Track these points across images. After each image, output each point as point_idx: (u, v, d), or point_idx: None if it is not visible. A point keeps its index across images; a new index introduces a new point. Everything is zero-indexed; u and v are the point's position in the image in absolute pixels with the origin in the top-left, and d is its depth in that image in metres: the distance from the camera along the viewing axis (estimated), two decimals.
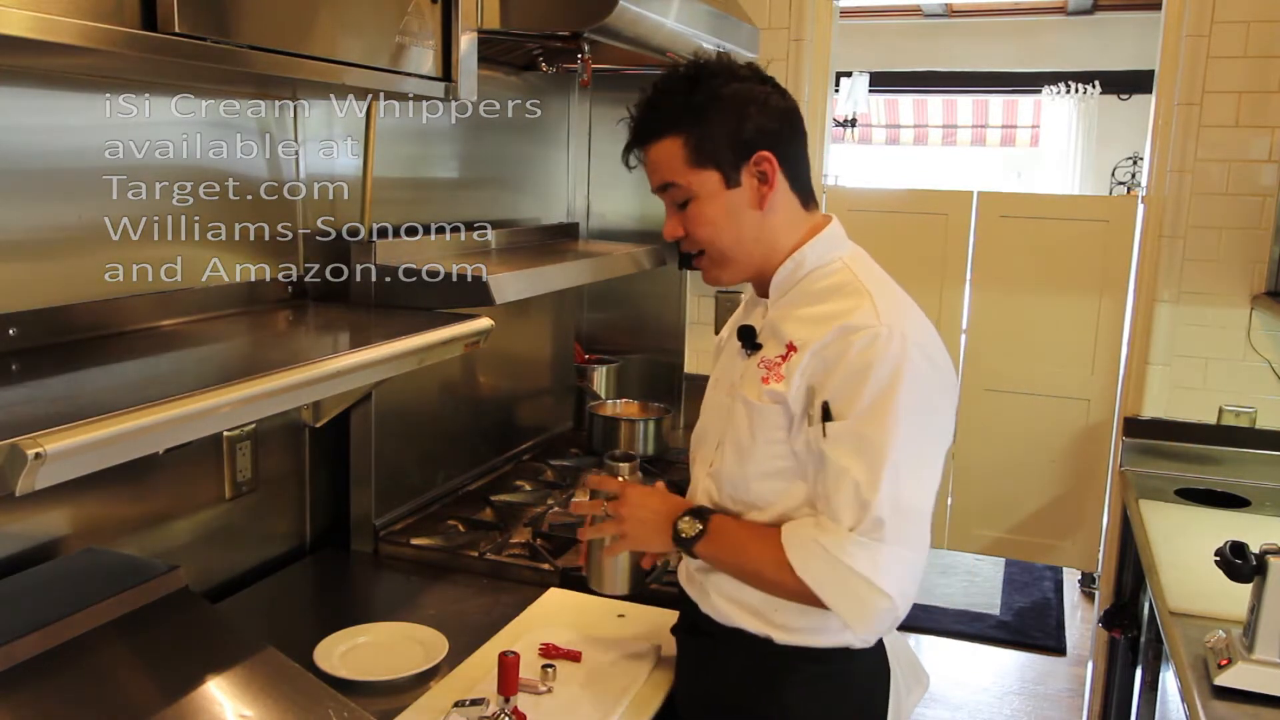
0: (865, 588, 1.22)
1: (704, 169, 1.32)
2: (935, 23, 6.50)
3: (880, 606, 1.23)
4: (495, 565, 1.96)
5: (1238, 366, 2.77)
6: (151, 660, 1.32)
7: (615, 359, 3.08)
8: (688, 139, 1.31)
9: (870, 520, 1.22)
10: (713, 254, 1.38)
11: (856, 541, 1.23)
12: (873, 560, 1.22)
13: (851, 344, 1.25)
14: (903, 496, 1.23)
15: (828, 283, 1.35)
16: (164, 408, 1.09)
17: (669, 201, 1.38)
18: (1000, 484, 3.31)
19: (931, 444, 1.30)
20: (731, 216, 1.34)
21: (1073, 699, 3.70)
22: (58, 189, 1.41)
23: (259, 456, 1.85)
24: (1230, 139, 2.68)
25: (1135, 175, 6.26)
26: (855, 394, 1.24)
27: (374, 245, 1.88)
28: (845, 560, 1.22)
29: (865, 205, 3.30)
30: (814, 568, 1.25)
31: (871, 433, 1.23)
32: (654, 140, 1.34)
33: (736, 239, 1.36)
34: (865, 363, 1.24)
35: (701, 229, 1.35)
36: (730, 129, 1.31)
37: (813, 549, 1.26)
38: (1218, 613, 1.83)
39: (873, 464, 1.23)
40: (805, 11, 2.92)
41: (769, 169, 1.33)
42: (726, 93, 1.32)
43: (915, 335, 1.28)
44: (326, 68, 1.37)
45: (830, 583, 1.24)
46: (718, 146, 1.31)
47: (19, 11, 0.95)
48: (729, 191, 1.33)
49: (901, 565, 1.23)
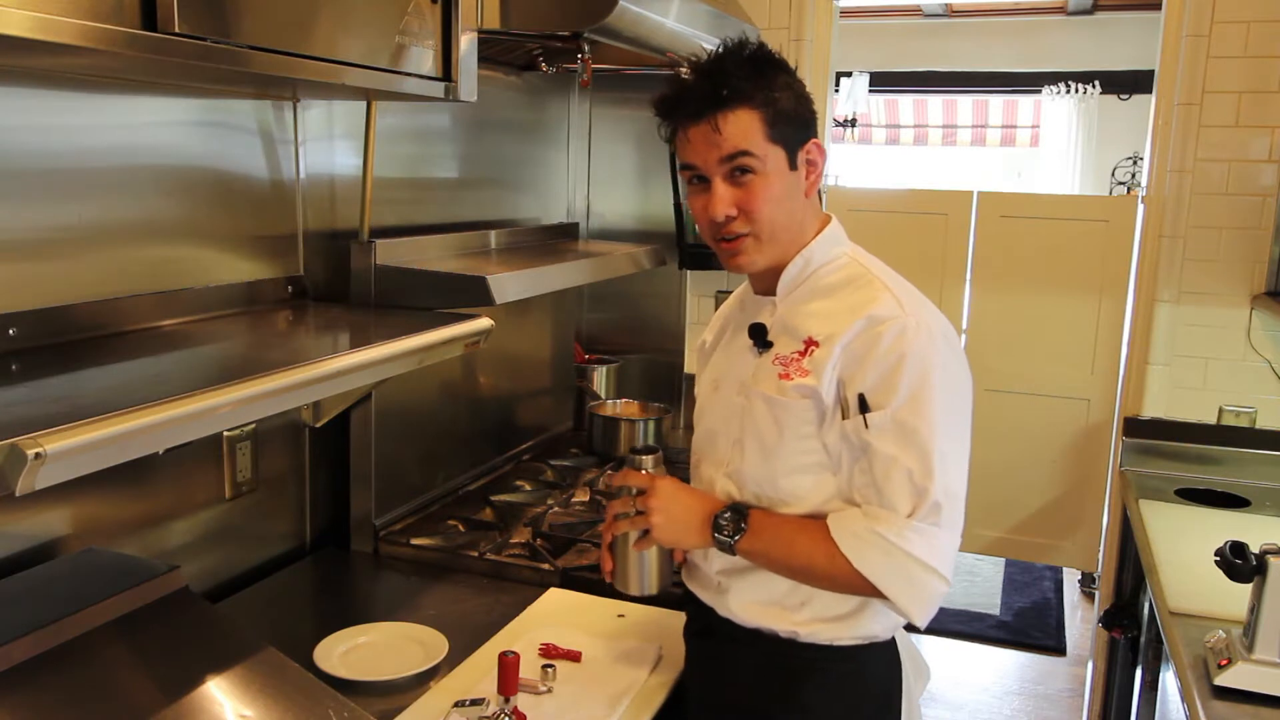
0: (924, 573, 1.25)
1: (776, 144, 1.32)
2: (935, 23, 6.50)
3: (938, 591, 1.26)
4: (495, 565, 1.96)
5: (1238, 366, 2.77)
6: (151, 660, 1.32)
7: (615, 359, 3.07)
8: (766, 113, 1.30)
9: (928, 506, 1.25)
10: (763, 233, 1.34)
11: (915, 528, 1.25)
12: (930, 546, 1.25)
13: (881, 335, 1.27)
14: (951, 482, 1.27)
15: (836, 277, 1.37)
16: (164, 408, 1.09)
17: (726, 175, 1.31)
18: (1000, 484, 3.31)
19: (964, 430, 1.33)
20: (789, 197, 1.35)
21: (1073, 699, 3.70)
22: (58, 189, 1.41)
23: (259, 456, 1.85)
24: (1230, 139, 2.68)
25: (1135, 175, 6.26)
26: (892, 385, 1.26)
27: (374, 245, 1.88)
28: (905, 547, 1.25)
29: (865, 205, 3.30)
30: (872, 558, 1.26)
31: (915, 421, 1.25)
32: (737, 107, 1.29)
33: (789, 220, 1.36)
34: (899, 354, 1.26)
35: (764, 205, 1.32)
36: (796, 112, 1.34)
37: (869, 539, 1.26)
38: (1218, 613, 1.83)
39: (922, 452, 1.25)
40: (805, 11, 2.92)
41: (820, 156, 1.37)
42: (787, 79, 1.34)
43: (938, 325, 1.31)
44: (326, 68, 1.37)
45: (890, 572, 1.26)
46: (790, 125, 1.33)
47: (19, 11, 0.95)
48: (791, 173, 1.34)
49: (952, 548, 1.28)
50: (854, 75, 6.55)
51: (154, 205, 1.57)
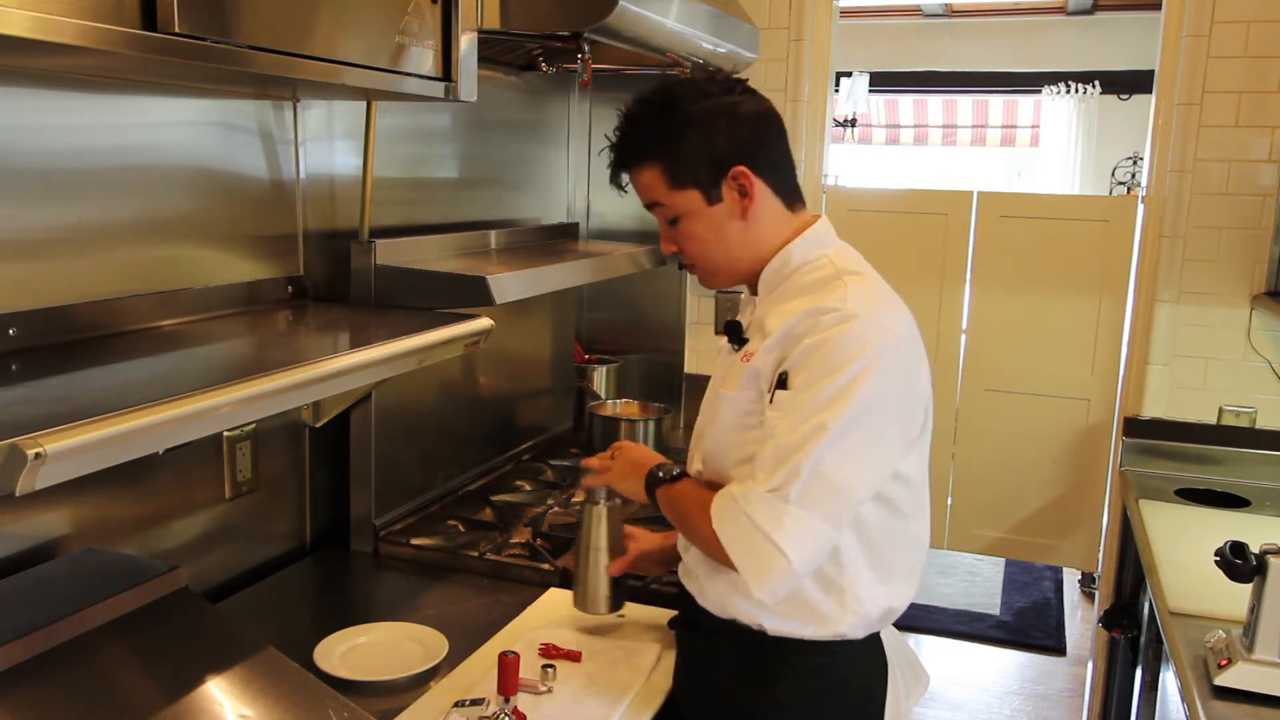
0: (765, 544, 1.24)
1: (684, 189, 1.36)
2: (935, 23, 6.50)
3: (779, 567, 1.24)
4: (495, 565, 1.96)
5: (1238, 366, 2.77)
6: (151, 660, 1.32)
7: (615, 359, 3.07)
8: (664, 165, 1.35)
9: (782, 476, 1.24)
10: (704, 266, 1.43)
11: (763, 496, 1.25)
12: (775, 517, 1.24)
13: (818, 323, 1.28)
14: (828, 466, 1.23)
15: (813, 278, 1.37)
16: (164, 408, 1.09)
17: (660, 219, 1.42)
18: (1000, 484, 3.31)
19: (880, 433, 1.29)
20: (717, 231, 1.38)
21: (1073, 699, 3.70)
22: (58, 189, 1.41)
23: (259, 456, 1.85)
24: (1230, 139, 2.68)
25: (1135, 175, 6.26)
26: (808, 365, 1.27)
27: (374, 245, 1.88)
28: (748, 510, 1.25)
29: (865, 205, 3.30)
30: (724, 520, 1.29)
31: (812, 401, 1.24)
32: (633, 169, 1.39)
33: (724, 252, 1.40)
34: (824, 339, 1.26)
35: (692, 244, 1.40)
36: (703, 148, 1.34)
37: (726, 502, 1.29)
38: (1218, 613, 1.83)
39: (801, 429, 1.24)
40: (805, 11, 2.92)
41: (747, 182, 1.35)
42: (695, 113, 1.34)
43: (888, 324, 1.30)
44: (326, 68, 1.37)
45: (737, 537, 1.27)
46: (694, 167, 1.35)
47: (19, 11, 0.95)
48: (711, 208, 1.37)
49: (808, 532, 1.24)
50: (854, 75, 6.55)
51: (154, 205, 1.57)
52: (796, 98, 2.97)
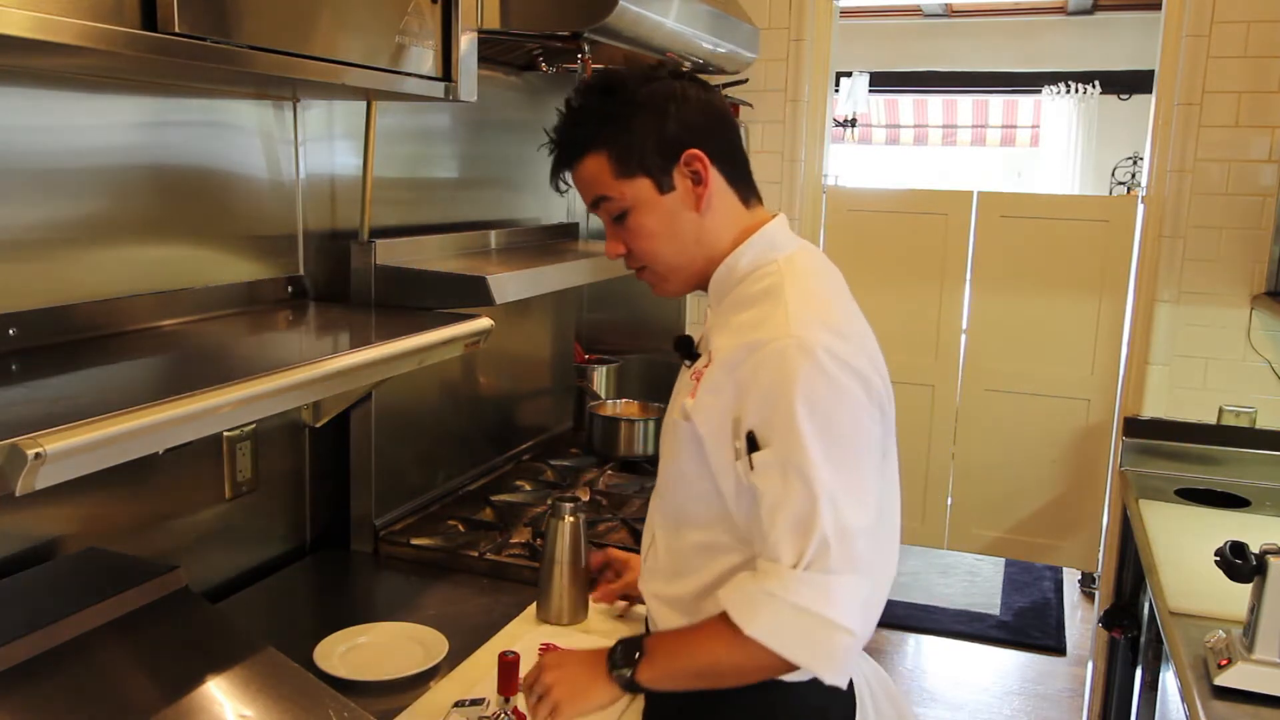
0: (822, 627, 1.13)
1: (634, 178, 1.26)
2: (935, 23, 6.50)
3: (843, 644, 1.14)
4: (495, 565, 1.96)
5: (1238, 366, 2.77)
6: (151, 660, 1.32)
7: (615, 359, 3.08)
8: (611, 150, 1.26)
9: (813, 551, 1.13)
10: (657, 266, 1.32)
11: (801, 579, 1.13)
12: (823, 595, 1.13)
13: (761, 363, 1.18)
14: (845, 519, 1.14)
15: (760, 287, 1.27)
16: (164, 408, 1.09)
17: (605, 218, 1.32)
18: (1000, 484, 3.31)
19: (860, 458, 1.19)
20: (670, 223, 1.28)
21: (1073, 699, 3.70)
22: (58, 189, 1.41)
23: (259, 456, 1.85)
24: (1230, 139, 2.68)
25: (1135, 175, 6.26)
26: (772, 418, 1.16)
27: (374, 245, 1.88)
28: (793, 600, 1.13)
29: (865, 205, 3.30)
30: (763, 620, 1.15)
31: (797, 458, 1.14)
32: (578, 159, 1.29)
33: (678, 247, 1.30)
34: (773, 382, 1.16)
35: (642, 241, 1.30)
36: (653, 131, 1.25)
37: (759, 600, 1.15)
38: (1218, 613, 1.83)
39: (805, 492, 1.14)
40: (805, 11, 2.92)
41: (701, 167, 1.26)
42: (643, 95, 1.26)
43: (829, 343, 1.18)
44: (327, 68, 1.37)
45: (783, 631, 1.14)
46: (644, 151, 1.25)
47: (19, 11, 0.95)
48: (663, 197, 1.27)
49: (855, 594, 1.14)
50: (854, 75, 6.55)
51: (154, 205, 1.57)
52: (796, 98, 2.97)
